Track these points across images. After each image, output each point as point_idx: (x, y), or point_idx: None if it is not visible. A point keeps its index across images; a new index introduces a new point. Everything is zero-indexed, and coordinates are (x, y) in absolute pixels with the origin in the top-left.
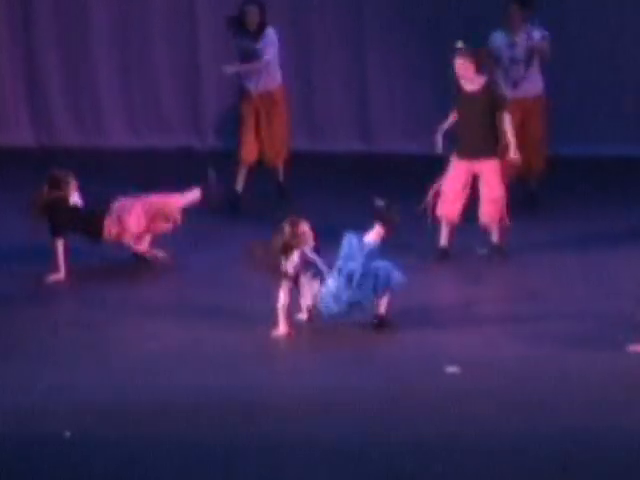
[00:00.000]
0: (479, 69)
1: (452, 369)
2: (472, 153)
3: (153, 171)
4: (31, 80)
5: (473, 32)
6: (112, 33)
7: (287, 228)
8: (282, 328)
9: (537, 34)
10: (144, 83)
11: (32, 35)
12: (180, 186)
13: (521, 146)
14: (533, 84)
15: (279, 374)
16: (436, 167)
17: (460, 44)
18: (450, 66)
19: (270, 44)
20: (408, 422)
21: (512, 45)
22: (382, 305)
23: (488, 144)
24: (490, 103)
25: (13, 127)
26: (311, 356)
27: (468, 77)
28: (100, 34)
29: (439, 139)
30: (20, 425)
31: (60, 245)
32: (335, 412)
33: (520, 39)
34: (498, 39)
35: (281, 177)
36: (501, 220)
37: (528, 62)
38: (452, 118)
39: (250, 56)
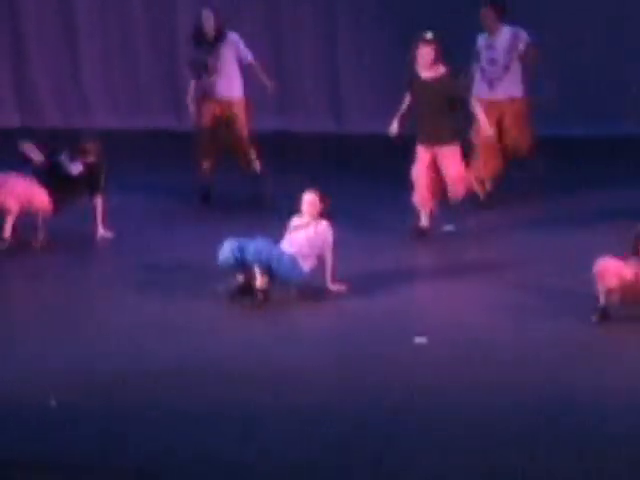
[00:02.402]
0: (439, 58)
1: (420, 339)
2: (429, 139)
3: (134, 151)
4: (17, 64)
5: (443, 17)
6: (94, 17)
7: None
8: None
9: (522, 40)
10: (125, 66)
11: (18, 20)
12: (157, 165)
13: (499, 146)
14: (510, 86)
15: (246, 343)
16: (406, 148)
17: (430, 35)
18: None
19: (243, 47)
20: (373, 391)
21: (490, 46)
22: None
23: (444, 131)
24: (447, 91)
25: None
26: (278, 325)
27: (428, 65)
28: (83, 18)
29: (395, 122)
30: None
31: None
32: (303, 380)
33: (498, 41)
34: (480, 40)
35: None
36: (467, 193)
37: (506, 64)
38: (407, 102)
39: (207, 66)
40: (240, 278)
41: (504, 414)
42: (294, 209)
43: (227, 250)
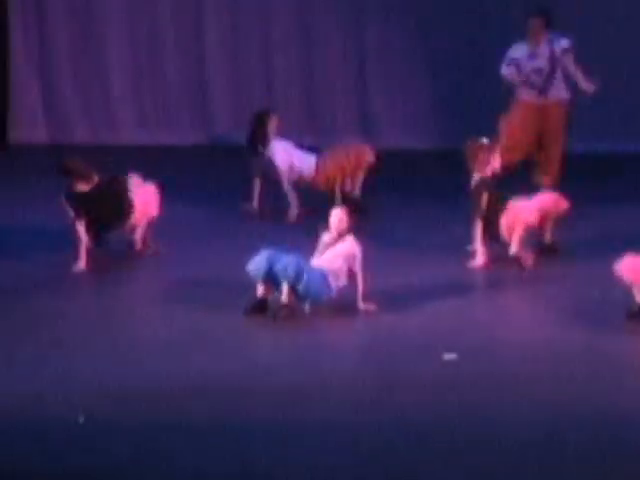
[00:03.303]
0: None
1: (449, 356)
2: None
3: (162, 166)
4: (45, 80)
5: (475, 26)
6: (123, 32)
7: None
8: None
9: (560, 45)
10: (153, 81)
11: (45, 37)
12: (186, 180)
13: (538, 150)
14: (558, 89)
15: (271, 359)
16: (435, 163)
17: None
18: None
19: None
20: (400, 406)
21: (534, 56)
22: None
23: None
24: None
25: (28, 125)
26: (304, 341)
27: None
28: (111, 34)
29: None
30: (34, 410)
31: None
32: (330, 396)
33: (542, 50)
34: (519, 50)
35: None
36: None
37: (551, 72)
38: None
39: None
40: (260, 291)
41: (530, 429)
42: (325, 225)
43: (259, 261)
